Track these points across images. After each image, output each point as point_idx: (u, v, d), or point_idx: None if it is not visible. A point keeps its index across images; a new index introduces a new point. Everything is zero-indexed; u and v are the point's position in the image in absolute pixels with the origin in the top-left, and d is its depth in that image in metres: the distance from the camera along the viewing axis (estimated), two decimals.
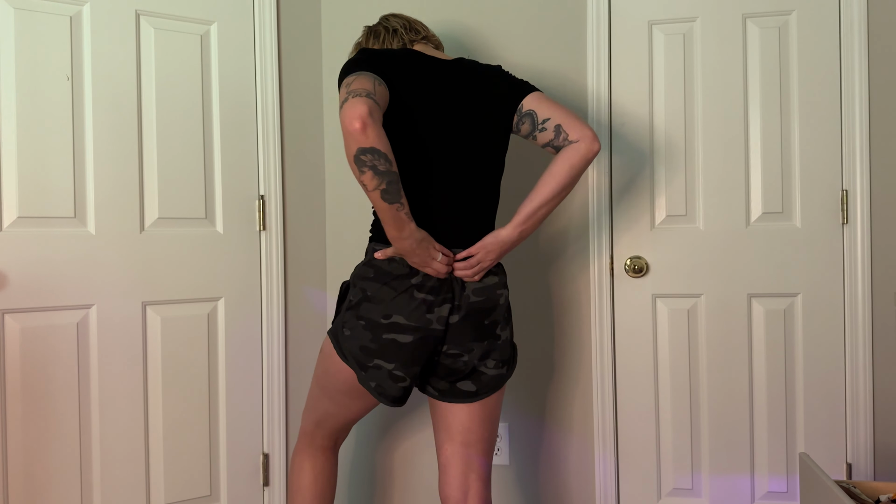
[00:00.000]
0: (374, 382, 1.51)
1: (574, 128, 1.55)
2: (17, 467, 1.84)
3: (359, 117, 1.27)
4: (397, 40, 1.68)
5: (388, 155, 1.31)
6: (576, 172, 1.55)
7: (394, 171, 1.33)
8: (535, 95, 1.60)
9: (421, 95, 1.51)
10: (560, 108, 1.58)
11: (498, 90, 1.59)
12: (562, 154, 1.55)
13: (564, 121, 1.56)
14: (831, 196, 2.11)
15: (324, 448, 1.69)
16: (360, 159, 1.30)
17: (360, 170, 1.31)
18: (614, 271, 2.21)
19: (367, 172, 1.31)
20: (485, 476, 1.62)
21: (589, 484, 2.23)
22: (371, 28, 1.74)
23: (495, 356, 1.58)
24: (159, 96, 2.04)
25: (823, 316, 2.12)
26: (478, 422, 1.60)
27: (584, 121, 1.62)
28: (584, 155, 1.54)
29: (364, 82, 1.36)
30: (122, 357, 1.99)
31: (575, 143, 1.54)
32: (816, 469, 1.56)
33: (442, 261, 1.46)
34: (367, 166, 1.30)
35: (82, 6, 1.93)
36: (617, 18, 2.20)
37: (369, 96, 1.32)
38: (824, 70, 2.11)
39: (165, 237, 2.05)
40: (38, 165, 1.87)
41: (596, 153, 1.55)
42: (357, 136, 1.28)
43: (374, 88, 1.35)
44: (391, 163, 1.32)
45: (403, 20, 1.72)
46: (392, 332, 1.48)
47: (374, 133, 1.28)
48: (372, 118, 1.29)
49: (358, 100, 1.30)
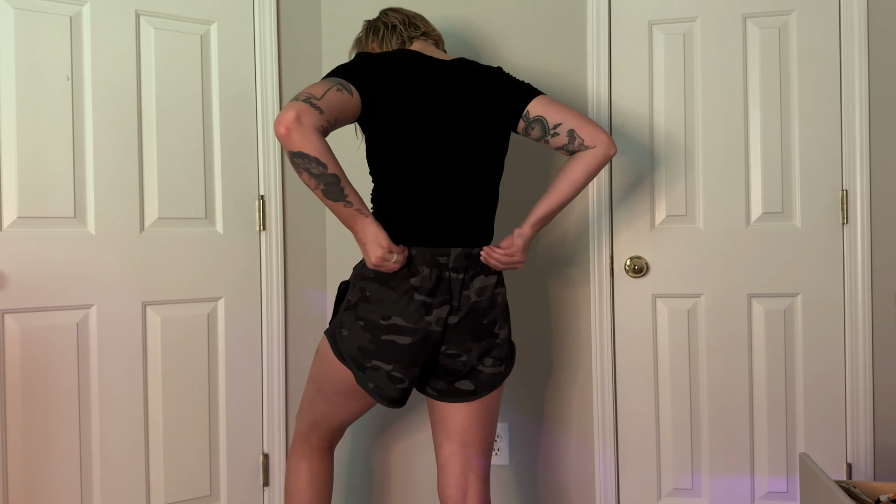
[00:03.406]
0: (373, 383, 1.51)
1: (589, 132, 1.56)
2: (17, 467, 1.84)
3: (283, 122, 1.30)
4: (396, 37, 1.67)
5: (321, 157, 1.33)
6: (592, 176, 1.59)
7: (330, 173, 1.35)
8: (540, 100, 1.60)
9: (418, 97, 1.50)
10: (569, 111, 1.59)
11: (499, 92, 1.59)
12: (579, 159, 1.57)
13: (578, 125, 1.57)
14: (831, 196, 2.11)
15: (319, 449, 1.69)
16: (294, 162, 1.33)
17: (297, 172, 1.36)
18: (614, 271, 2.21)
19: (303, 174, 1.35)
20: (483, 476, 1.62)
21: (589, 484, 2.23)
22: (370, 24, 1.74)
23: (494, 354, 1.58)
24: (159, 96, 2.04)
25: (823, 316, 2.12)
26: (476, 421, 1.60)
27: (596, 123, 1.62)
28: (602, 160, 1.57)
29: (315, 87, 1.37)
30: (122, 357, 1.99)
31: (592, 148, 1.56)
32: (816, 469, 1.56)
33: (396, 261, 1.46)
34: (301, 168, 1.34)
35: (82, 6, 1.93)
36: (617, 18, 2.20)
37: (308, 101, 1.33)
38: (824, 70, 2.11)
39: (165, 237, 2.05)
40: (38, 165, 1.87)
41: (612, 156, 1.59)
42: (282, 140, 1.31)
43: (322, 94, 1.36)
44: (325, 165, 1.34)
45: (403, 15, 1.71)
46: (391, 333, 1.48)
47: (299, 137, 1.30)
48: (298, 122, 1.30)
49: (290, 104, 1.32)
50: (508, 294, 2.23)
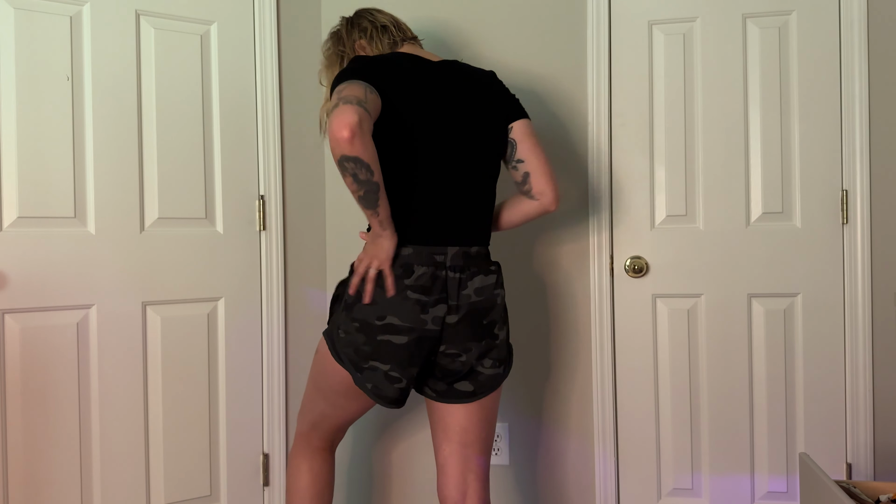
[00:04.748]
0: (371, 384, 1.51)
1: (539, 184, 1.63)
2: (17, 467, 1.84)
3: (347, 125, 1.28)
4: (388, 38, 1.67)
5: (371, 165, 1.33)
6: (527, 221, 1.71)
7: (374, 181, 1.35)
8: (522, 124, 1.63)
9: (421, 99, 1.51)
10: (537, 151, 1.62)
11: (495, 97, 1.62)
12: (522, 202, 1.68)
13: (535, 171, 1.62)
14: (831, 196, 2.11)
15: (320, 449, 1.69)
16: (344, 165, 1.33)
17: (342, 173, 1.35)
18: (614, 271, 2.21)
19: (347, 177, 1.35)
20: (483, 476, 1.62)
21: (589, 484, 2.23)
22: (353, 21, 1.72)
23: (493, 356, 1.58)
24: (159, 96, 2.04)
25: (823, 316, 2.12)
26: (475, 422, 1.60)
27: (553, 174, 1.64)
28: (539, 213, 1.67)
29: (355, 89, 1.36)
30: (122, 357, 1.99)
31: (535, 200, 1.65)
32: (816, 469, 1.56)
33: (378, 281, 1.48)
34: (348, 172, 1.33)
35: (82, 6, 1.93)
36: (617, 18, 2.20)
37: (360, 104, 1.33)
38: (824, 70, 2.11)
39: (165, 237, 2.05)
40: (38, 165, 1.87)
41: (550, 212, 1.73)
42: (344, 144, 1.29)
43: (365, 97, 1.36)
44: (373, 173, 1.34)
45: (390, 17, 1.72)
46: (387, 333, 1.48)
47: (360, 143, 1.30)
48: (361, 128, 1.30)
49: (348, 107, 1.30)
50: (509, 293, 2.24)
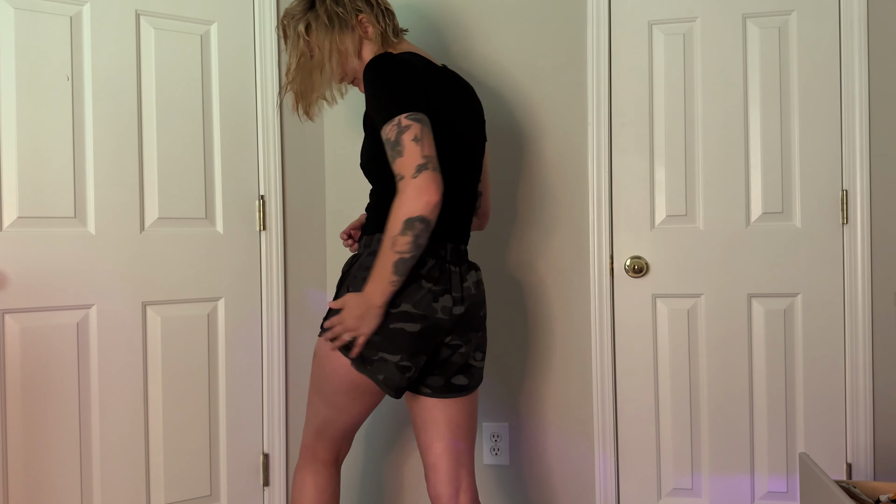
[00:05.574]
0: (382, 375, 1.50)
1: (486, 203, 1.84)
2: (17, 467, 1.84)
3: (438, 192, 1.36)
4: (391, 25, 1.65)
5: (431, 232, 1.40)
6: None
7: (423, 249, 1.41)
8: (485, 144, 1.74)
9: (438, 105, 1.53)
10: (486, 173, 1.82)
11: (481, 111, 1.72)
12: None
13: (486, 192, 1.83)
14: (831, 196, 2.11)
15: (326, 462, 1.67)
16: (414, 224, 1.36)
17: (402, 230, 1.37)
18: (614, 271, 2.21)
19: (408, 237, 1.37)
20: (472, 470, 1.68)
21: (589, 484, 2.23)
22: None
23: (482, 348, 1.67)
24: (159, 96, 2.04)
25: (823, 316, 2.12)
26: (466, 416, 1.65)
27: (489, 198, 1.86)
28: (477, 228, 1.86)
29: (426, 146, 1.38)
30: (122, 357, 1.99)
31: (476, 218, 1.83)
32: (816, 469, 1.56)
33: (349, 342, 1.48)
34: (413, 233, 1.37)
35: (82, 6, 1.93)
36: (617, 18, 2.19)
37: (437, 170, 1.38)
38: (824, 70, 2.11)
39: (165, 237, 2.05)
40: (38, 165, 1.87)
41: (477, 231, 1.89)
42: (430, 207, 1.35)
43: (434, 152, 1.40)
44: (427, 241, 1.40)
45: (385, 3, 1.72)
46: (400, 321, 1.48)
47: (438, 211, 1.37)
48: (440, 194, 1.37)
49: (437, 175, 1.37)
50: (509, 295, 2.24)
